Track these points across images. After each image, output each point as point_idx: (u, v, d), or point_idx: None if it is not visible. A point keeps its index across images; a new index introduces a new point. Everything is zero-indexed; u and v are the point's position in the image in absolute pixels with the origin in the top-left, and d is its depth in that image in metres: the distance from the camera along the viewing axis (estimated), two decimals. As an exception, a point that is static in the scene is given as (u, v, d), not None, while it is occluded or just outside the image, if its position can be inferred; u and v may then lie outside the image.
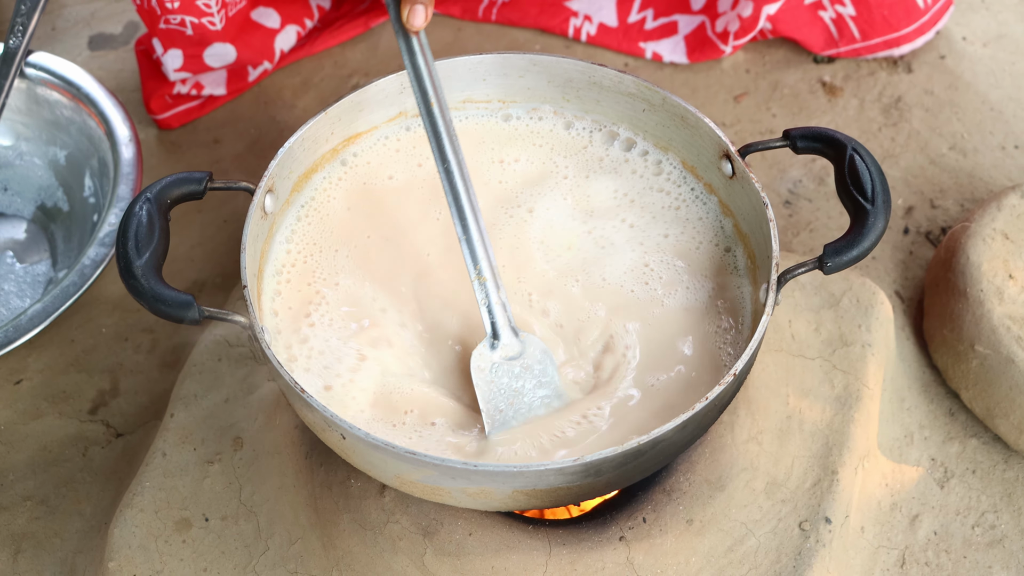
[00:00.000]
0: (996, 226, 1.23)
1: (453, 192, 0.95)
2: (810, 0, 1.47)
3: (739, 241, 1.05)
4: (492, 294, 0.97)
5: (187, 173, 0.97)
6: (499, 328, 0.98)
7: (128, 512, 1.08)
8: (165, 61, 1.44)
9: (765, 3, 1.43)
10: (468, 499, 0.89)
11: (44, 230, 1.39)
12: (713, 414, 0.91)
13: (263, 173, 1.00)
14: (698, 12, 1.52)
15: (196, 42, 1.42)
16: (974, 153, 1.44)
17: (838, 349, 1.16)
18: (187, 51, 1.44)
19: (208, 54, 1.44)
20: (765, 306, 0.92)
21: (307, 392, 0.86)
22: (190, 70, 1.45)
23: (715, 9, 1.51)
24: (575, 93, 1.12)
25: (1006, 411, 1.16)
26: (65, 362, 1.29)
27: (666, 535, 1.02)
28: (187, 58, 1.44)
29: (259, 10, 1.50)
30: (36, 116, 1.39)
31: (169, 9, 1.36)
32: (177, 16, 1.37)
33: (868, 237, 0.92)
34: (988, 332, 1.16)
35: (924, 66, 1.53)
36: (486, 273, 0.97)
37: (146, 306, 0.89)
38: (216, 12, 1.39)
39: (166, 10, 1.36)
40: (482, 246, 0.96)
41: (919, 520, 1.15)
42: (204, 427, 1.13)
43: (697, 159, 1.08)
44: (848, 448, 1.10)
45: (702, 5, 1.52)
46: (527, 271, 1.06)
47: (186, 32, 1.40)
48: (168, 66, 1.44)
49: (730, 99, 1.51)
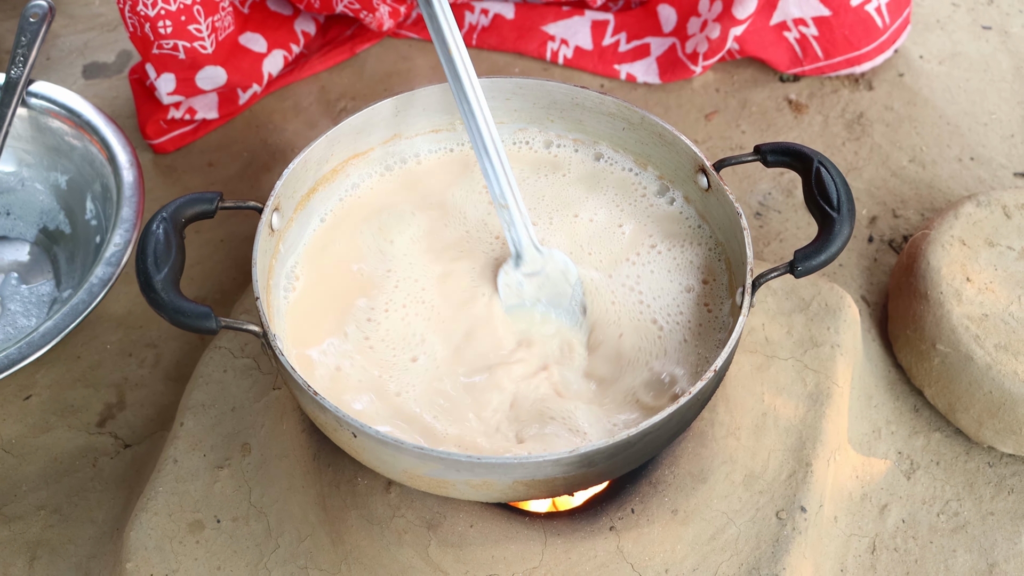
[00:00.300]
0: (954, 233, 1.31)
1: (476, 126, 1.07)
2: (775, 21, 1.55)
3: (715, 250, 1.12)
4: (515, 217, 1.08)
5: (200, 193, 1.03)
6: (522, 248, 1.10)
7: (143, 516, 1.13)
8: (159, 85, 1.49)
9: (732, 25, 1.51)
10: (471, 491, 0.95)
11: (47, 252, 1.43)
12: (696, 408, 0.98)
13: (268, 192, 1.07)
14: (669, 34, 1.60)
15: (188, 66, 1.48)
16: (933, 165, 1.53)
17: (809, 350, 1.23)
18: (180, 75, 1.49)
19: (200, 77, 1.50)
20: (741, 308, 0.99)
21: (320, 394, 0.93)
22: (183, 93, 1.51)
23: (685, 32, 1.59)
24: (559, 114, 1.19)
25: (966, 406, 1.24)
26: (72, 377, 1.34)
27: (653, 525, 1.08)
28: (180, 81, 1.50)
29: (246, 35, 1.56)
30: (38, 143, 1.44)
31: (162, 35, 1.42)
32: (170, 41, 1.43)
33: (835, 243, 0.99)
34: (948, 332, 1.24)
35: (884, 83, 1.62)
36: (508, 200, 1.07)
37: (166, 318, 0.95)
38: (207, 37, 1.45)
39: (159, 35, 1.42)
40: (504, 175, 1.07)
41: (888, 509, 1.23)
42: (213, 434, 1.19)
43: (674, 174, 1.15)
44: (820, 442, 1.17)
45: (672, 27, 1.60)
46: None
47: (179, 56, 1.46)
48: (162, 90, 1.50)
49: (701, 117, 1.59)
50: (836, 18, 1.53)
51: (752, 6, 1.48)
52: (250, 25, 1.57)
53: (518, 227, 1.09)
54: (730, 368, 1.15)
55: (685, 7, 1.57)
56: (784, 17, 1.54)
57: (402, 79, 1.64)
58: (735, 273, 1.07)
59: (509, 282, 1.11)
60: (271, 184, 1.50)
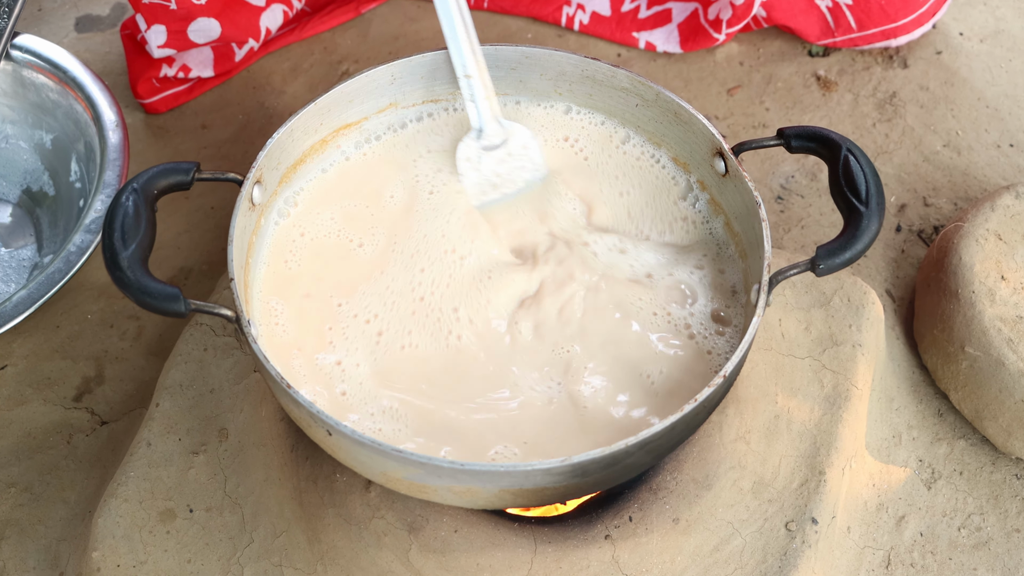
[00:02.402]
0: (990, 226, 1.23)
1: None
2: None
3: (730, 240, 1.04)
4: (477, 88, 1.08)
5: (174, 164, 0.96)
6: (484, 120, 1.09)
7: (112, 502, 1.07)
8: (149, 38, 1.42)
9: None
10: (454, 497, 0.88)
11: (29, 214, 1.37)
12: (702, 415, 0.91)
13: (251, 162, 0.99)
14: (691, 0, 1.51)
15: (181, 17, 1.41)
16: (969, 151, 1.44)
17: (828, 349, 1.15)
18: (171, 26, 1.42)
19: (192, 29, 1.43)
20: (756, 307, 0.92)
21: (293, 387, 0.86)
22: (174, 46, 1.43)
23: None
24: (567, 87, 1.11)
25: (995, 413, 1.16)
26: (50, 348, 1.28)
27: (652, 534, 1.01)
28: (171, 34, 1.42)
29: None
30: (22, 99, 1.37)
31: None
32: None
33: (861, 240, 0.91)
34: (979, 334, 1.16)
35: (920, 61, 1.52)
36: (472, 70, 1.07)
37: (132, 298, 0.88)
38: None
39: None
40: (468, 42, 1.07)
41: (905, 521, 1.15)
42: (189, 417, 1.13)
43: (690, 155, 1.07)
44: (836, 448, 1.09)
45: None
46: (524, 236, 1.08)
47: (170, 7, 1.39)
48: (152, 42, 1.42)
49: (723, 92, 1.50)
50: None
51: None
52: None
53: (480, 98, 1.08)
54: (743, 367, 1.07)
55: None
56: None
57: (408, 41, 1.56)
58: (750, 267, 0.99)
59: (469, 155, 1.09)
60: (265, 150, 1.44)
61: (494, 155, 1.09)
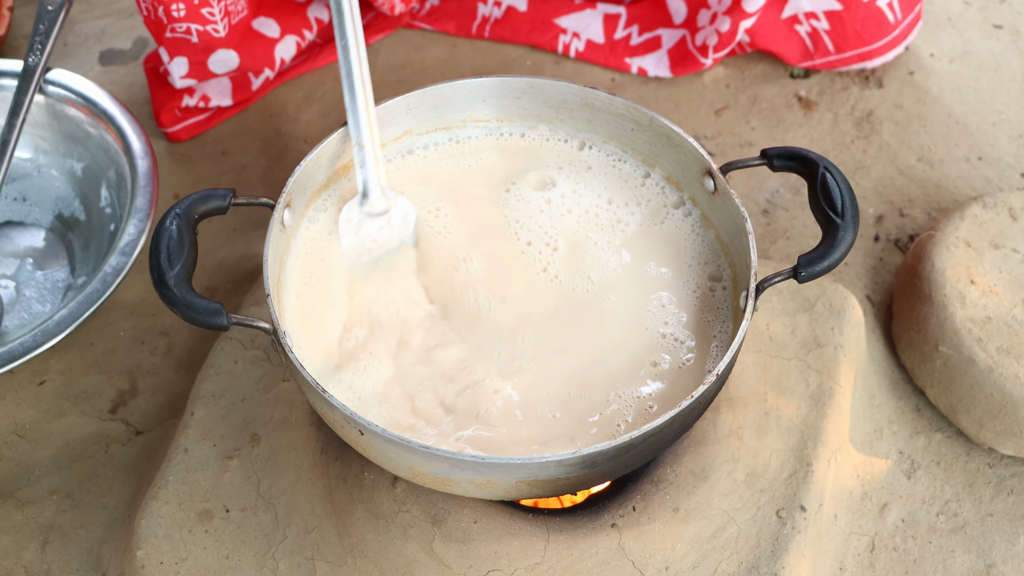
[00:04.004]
0: (959, 234, 1.32)
1: (347, 67, 1.09)
2: (787, 15, 1.56)
3: (720, 252, 1.14)
4: (369, 158, 1.12)
5: (212, 190, 1.05)
6: (369, 188, 1.13)
7: (154, 504, 1.15)
8: (171, 69, 1.50)
9: (742, 18, 1.52)
10: (475, 489, 0.97)
11: (62, 238, 1.45)
12: (698, 410, 1.00)
13: (272, 186, 1.08)
14: (679, 26, 1.60)
15: (201, 49, 1.49)
16: (941, 164, 1.53)
17: (812, 350, 1.24)
18: (192, 58, 1.50)
19: (212, 60, 1.51)
20: (745, 312, 1.01)
21: (328, 392, 0.94)
22: (195, 77, 1.52)
23: (695, 23, 1.59)
24: (568, 113, 1.20)
25: (967, 407, 1.25)
26: (85, 364, 1.36)
27: (654, 522, 1.10)
28: (192, 65, 1.50)
29: (259, 20, 1.57)
30: (55, 130, 1.45)
31: (175, 18, 1.42)
32: (183, 24, 1.44)
33: (838, 249, 1.01)
34: (951, 334, 1.25)
35: (894, 81, 1.62)
36: (366, 140, 1.11)
37: (179, 314, 0.97)
38: (220, 20, 1.46)
39: (172, 19, 1.43)
40: (367, 115, 1.11)
41: (888, 508, 1.24)
42: (223, 424, 1.21)
43: (681, 175, 1.16)
44: (822, 442, 1.18)
45: (683, 19, 1.61)
46: (521, 261, 1.16)
47: (191, 40, 1.46)
48: (174, 74, 1.50)
49: (711, 112, 1.60)
50: (847, 12, 1.53)
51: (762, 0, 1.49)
52: (263, 10, 1.58)
53: (369, 167, 1.12)
54: (734, 368, 1.16)
55: (695, 0, 1.58)
56: (795, 11, 1.55)
57: (415, 70, 1.65)
58: (739, 276, 1.09)
59: (351, 218, 1.14)
60: (284, 174, 1.53)
61: (374, 222, 1.14)
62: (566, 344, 1.09)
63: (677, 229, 1.16)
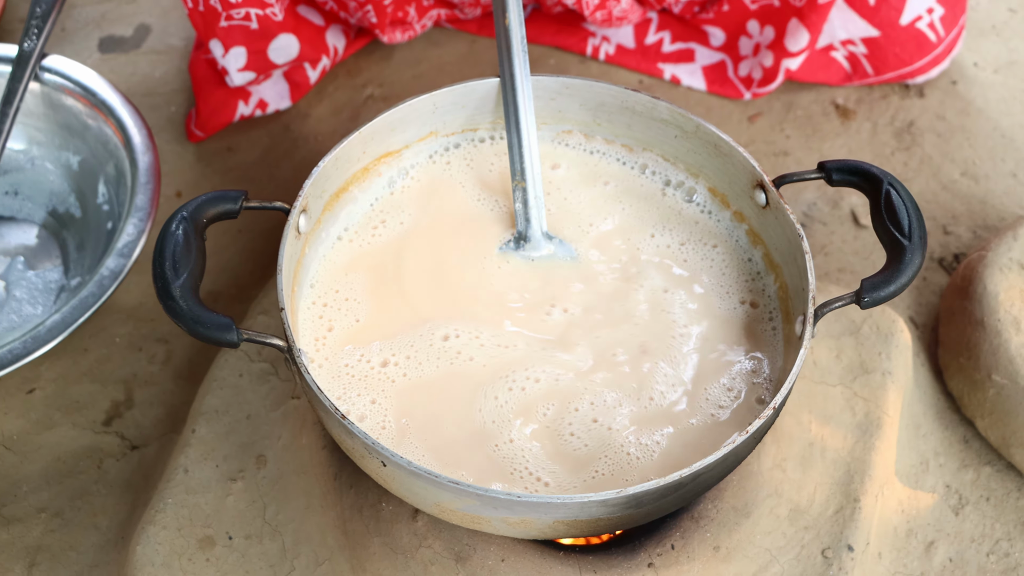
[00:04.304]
0: (1013, 255, 1.25)
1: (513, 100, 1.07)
2: (822, 44, 1.48)
3: (770, 271, 1.06)
4: (531, 196, 1.07)
5: (223, 192, 0.96)
6: (531, 230, 1.08)
7: (151, 529, 1.07)
8: (227, 64, 1.40)
9: (785, 56, 1.44)
10: (508, 528, 0.89)
11: (55, 236, 1.37)
12: (751, 446, 0.92)
13: (289, 182, 1.00)
14: (718, 48, 1.52)
15: (261, 35, 1.39)
16: (986, 180, 1.46)
17: (859, 376, 1.17)
18: (251, 47, 1.40)
19: (273, 48, 1.41)
20: (802, 339, 0.93)
21: (348, 419, 0.86)
22: (254, 68, 1.42)
23: (736, 51, 1.51)
24: (606, 117, 1.12)
25: (1022, 440, 1.17)
26: (78, 372, 1.28)
27: (694, 562, 1.02)
28: (251, 55, 1.40)
29: (302, 7, 1.48)
30: (50, 120, 1.37)
31: (233, 3, 1.33)
32: (241, 10, 1.35)
33: (905, 273, 0.93)
34: (1006, 362, 1.17)
35: (936, 91, 1.54)
36: (528, 178, 1.07)
37: (184, 328, 0.88)
38: (276, 2, 1.37)
39: (229, 5, 1.33)
40: (530, 153, 1.07)
41: (935, 546, 1.17)
42: (226, 443, 1.13)
43: (728, 187, 1.08)
44: (869, 476, 1.11)
45: (721, 43, 1.52)
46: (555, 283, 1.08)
47: (251, 26, 1.37)
48: (231, 67, 1.40)
49: (744, 120, 1.52)
50: (885, 38, 1.45)
51: (805, 40, 1.41)
52: None
53: (532, 207, 1.07)
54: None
55: (731, 26, 1.50)
56: (831, 39, 1.47)
57: (432, 66, 1.57)
58: (792, 299, 1.01)
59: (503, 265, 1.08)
60: (292, 173, 1.45)
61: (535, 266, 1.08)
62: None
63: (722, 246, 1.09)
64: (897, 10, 1.43)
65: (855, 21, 1.44)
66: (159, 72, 1.58)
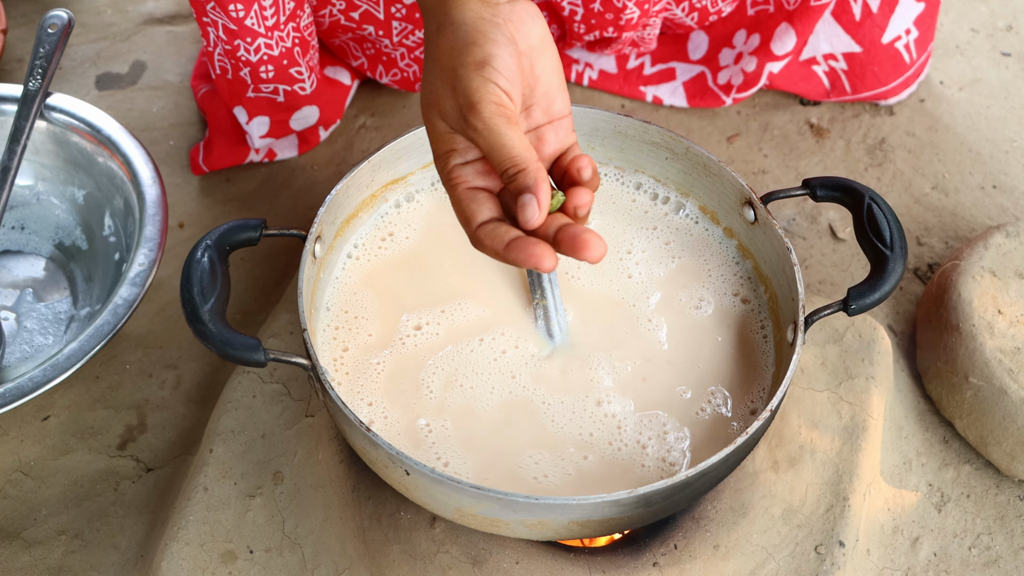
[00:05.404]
0: (984, 264, 1.31)
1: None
2: (805, 57, 1.54)
3: (760, 282, 1.12)
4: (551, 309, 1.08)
5: (244, 220, 1.01)
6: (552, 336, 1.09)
7: (174, 545, 1.11)
8: (251, 130, 1.45)
9: (769, 60, 1.50)
10: (525, 530, 0.94)
11: (62, 268, 1.41)
12: (750, 446, 0.97)
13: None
14: (697, 62, 1.58)
15: (286, 108, 1.44)
16: (955, 193, 1.53)
17: (844, 381, 1.23)
18: (275, 117, 1.45)
19: (295, 118, 1.47)
20: (793, 345, 0.99)
21: (372, 431, 0.91)
22: (274, 135, 1.48)
23: (716, 62, 1.57)
24: (600, 141, 1.18)
25: (999, 439, 1.24)
26: (91, 398, 1.32)
27: (695, 560, 1.07)
28: (273, 124, 1.46)
29: (329, 68, 1.54)
30: (56, 157, 1.41)
31: (263, 79, 1.38)
32: (270, 85, 1.39)
33: (888, 281, 0.99)
34: (981, 365, 1.24)
35: (905, 109, 1.62)
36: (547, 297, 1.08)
37: (214, 350, 0.93)
38: (307, 78, 1.41)
39: (260, 80, 1.38)
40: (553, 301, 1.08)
41: (920, 543, 1.22)
42: (243, 462, 1.17)
43: (718, 205, 1.15)
44: (857, 476, 1.16)
45: (702, 56, 1.59)
46: None
47: (277, 100, 1.42)
48: (254, 134, 1.46)
49: (723, 140, 1.58)
50: (867, 54, 1.52)
51: (791, 43, 1.47)
52: (328, 57, 1.55)
53: (552, 320, 1.08)
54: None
55: (718, 36, 1.56)
56: (814, 52, 1.54)
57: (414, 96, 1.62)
58: (783, 308, 1.07)
59: None
60: (290, 200, 1.50)
61: None
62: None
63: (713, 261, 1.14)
64: (880, 28, 1.49)
65: (839, 35, 1.51)
66: (156, 107, 1.62)
